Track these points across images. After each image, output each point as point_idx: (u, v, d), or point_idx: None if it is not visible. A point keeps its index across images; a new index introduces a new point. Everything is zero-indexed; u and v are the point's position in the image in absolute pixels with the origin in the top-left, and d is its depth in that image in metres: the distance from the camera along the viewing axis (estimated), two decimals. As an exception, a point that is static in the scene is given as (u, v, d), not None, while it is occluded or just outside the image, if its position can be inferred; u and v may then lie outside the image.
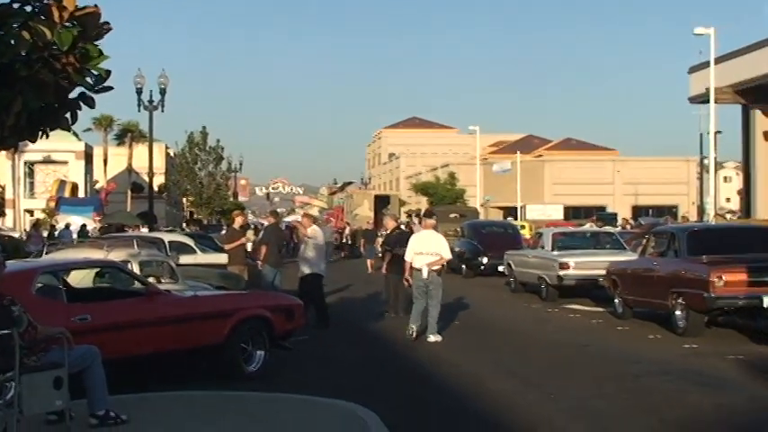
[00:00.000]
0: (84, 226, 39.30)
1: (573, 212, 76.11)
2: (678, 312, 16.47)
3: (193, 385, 10.94)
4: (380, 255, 24.95)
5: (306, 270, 18.47)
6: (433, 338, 16.35)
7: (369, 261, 37.40)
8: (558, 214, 73.23)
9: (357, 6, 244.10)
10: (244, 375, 11.92)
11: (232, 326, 11.86)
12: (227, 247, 21.62)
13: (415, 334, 16.45)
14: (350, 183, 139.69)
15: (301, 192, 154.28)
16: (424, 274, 16.64)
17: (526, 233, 42.41)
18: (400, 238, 20.59)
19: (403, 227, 36.21)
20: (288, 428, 8.81)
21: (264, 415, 9.37)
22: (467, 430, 9.53)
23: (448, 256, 17.39)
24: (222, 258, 22.03)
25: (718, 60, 44.10)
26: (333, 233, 51.82)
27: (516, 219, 61.27)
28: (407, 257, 17.21)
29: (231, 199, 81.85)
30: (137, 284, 11.92)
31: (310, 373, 12.98)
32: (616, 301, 19.36)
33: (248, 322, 12.17)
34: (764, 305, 15.55)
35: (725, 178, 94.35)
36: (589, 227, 37.61)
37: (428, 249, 16.91)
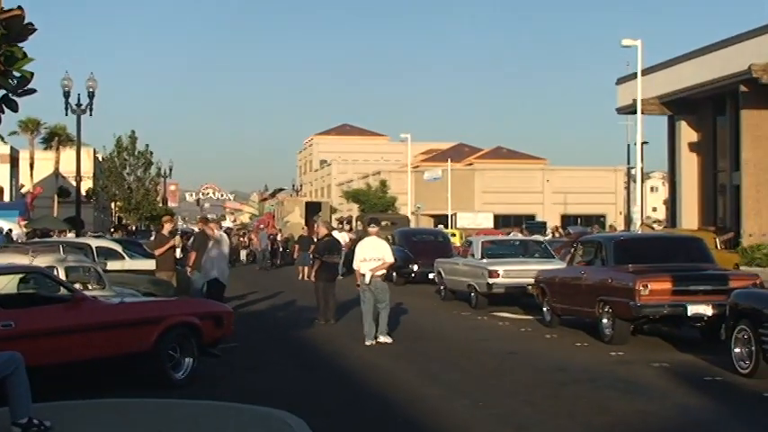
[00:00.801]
0: (9, 231, 38.61)
1: (503, 221, 76.69)
2: (605, 320, 16.63)
3: (120, 393, 10.81)
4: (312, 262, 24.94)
5: (212, 273, 18.30)
6: (383, 339, 16.84)
7: (300, 268, 37.17)
8: (489, 222, 73.74)
9: (284, 12, 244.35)
10: (172, 383, 11.80)
11: (160, 333, 11.74)
12: (156, 252, 21.40)
13: (374, 341, 16.78)
14: (281, 189, 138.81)
15: (232, 198, 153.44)
16: (367, 280, 17.14)
17: (456, 241, 42.63)
18: (329, 246, 20.60)
19: (336, 233, 36.34)
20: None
21: (191, 422, 9.28)
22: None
23: (390, 260, 17.88)
24: (151, 264, 21.79)
25: (645, 72, 44.81)
26: (268, 240, 51.62)
27: (447, 227, 61.59)
28: (355, 265, 17.80)
29: (161, 204, 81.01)
30: (63, 290, 11.75)
31: (239, 380, 12.88)
32: (544, 309, 19.51)
33: (176, 329, 12.05)
34: (689, 314, 15.85)
35: (651, 188, 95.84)
36: (513, 235, 37.84)
37: (372, 255, 17.44)
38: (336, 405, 11.21)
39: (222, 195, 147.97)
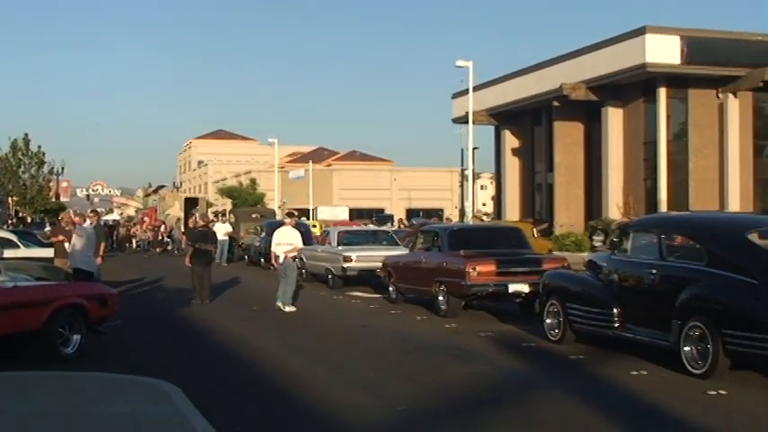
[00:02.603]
0: None
1: (357, 214, 76.84)
2: (441, 297, 16.84)
3: (13, 368, 10.38)
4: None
5: (77, 264, 17.64)
6: (288, 309, 17.87)
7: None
8: (345, 215, 73.68)
9: (164, 21, 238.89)
10: (61, 358, 11.40)
11: (50, 313, 11.33)
12: (51, 240, 20.77)
13: (285, 307, 17.87)
14: (163, 186, 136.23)
15: (119, 193, 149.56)
16: (281, 260, 18.37)
17: (317, 231, 42.55)
18: (203, 235, 20.36)
19: (219, 224, 35.81)
20: (99, 403, 8.48)
21: (78, 392, 9.00)
22: (261, 401, 9.43)
23: (300, 245, 19.25)
24: (44, 252, 21.08)
25: (476, 89, 45.57)
26: (148, 230, 50.52)
27: (308, 219, 61.36)
28: (273, 248, 18.99)
29: (53, 200, 78.44)
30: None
31: (123, 354, 12.53)
32: (390, 288, 19.65)
33: (65, 309, 11.64)
34: (509, 291, 16.22)
35: (481, 186, 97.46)
36: (356, 227, 37.76)
37: (286, 241, 18.68)
38: (209, 374, 11.03)
39: (110, 191, 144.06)
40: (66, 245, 18.21)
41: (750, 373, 10.04)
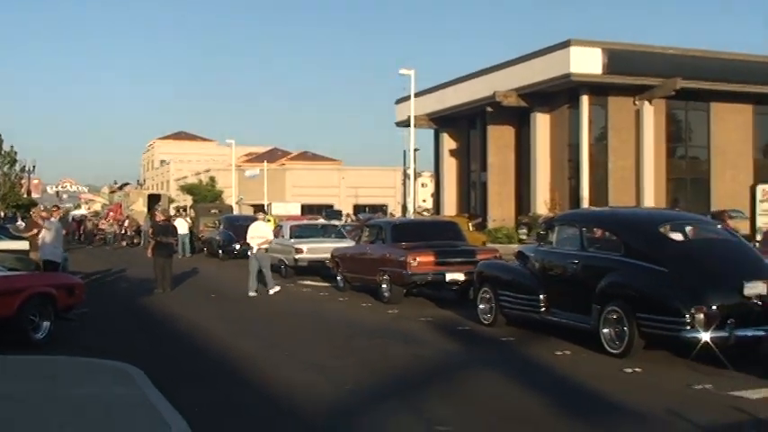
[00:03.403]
0: None
1: (308, 209, 76.58)
2: (384, 286, 16.89)
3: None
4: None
5: (46, 256, 17.33)
6: (272, 291, 18.62)
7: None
8: (297, 211, 73.31)
9: (130, 26, 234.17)
10: (32, 343, 11.22)
11: (21, 301, 11.13)
12: (25, 234, 20.34)
13: (254, 293, 18.44)
14: (127, 183, 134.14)
15: (86, 190, 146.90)
16: (254, 250, 19.01)
17: (271, 225, 42.17)
18: (164, 229, 20.17)
19: (180, 220, 35.43)
20: (68, 386, 8.37)
21: (48, 375, 8.87)
22: (218, 382, 9.38)
23: (271, 237, 20.04)
24: (16, 245, 20.66)
25: (418, 95, 45.66)
26: (114, 224, 49.75)
27: (264, 214, 60.92)
28: (248, 240, 19.50)
29: (25, 196, 76.89)
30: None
31: (90, 339, 12.35)
32: (338, 277, 19.65)
33: (36, 298, 11.45)
34: (447, 280, 16.31)
35: (422, 184, 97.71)
36: (307, 221, 37.66)
37: (259, 234, 19.27)
38: (170, 358, 10.93)
39: (78, 188, 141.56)
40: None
41: (661, 352, 10.25)
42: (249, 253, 19.45)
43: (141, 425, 6.79)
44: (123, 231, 49.17)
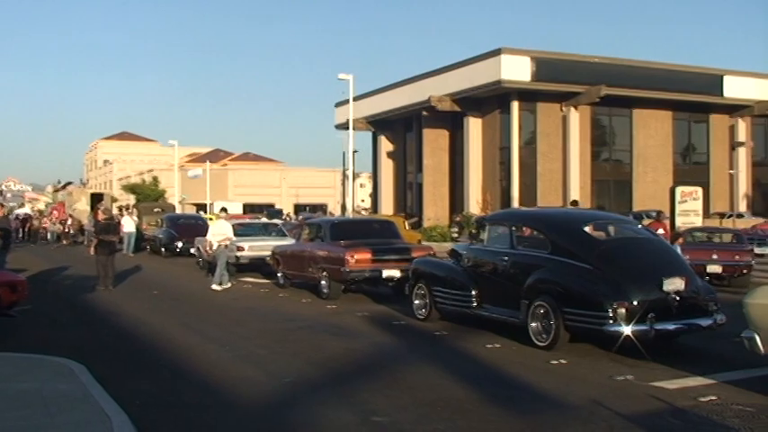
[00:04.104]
0: None
1: (250, 209, 76.03)
2: (323, 282, 16.84)
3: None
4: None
5: None
6: (214, 286, 18.92)
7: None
8: (239, 210, 72.80)
9: (77, 28, 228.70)
10: (-27, 339, 10.92)
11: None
12: None
13: (219, 287, 18.85)
14: (70, 183, 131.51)
15: (30, 189, 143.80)
16: (215, 247, 19.65)
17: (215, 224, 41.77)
18: (107, 227, 19.78)
19: (126, 218, 34.83)
20: (10, 380, 8.14)
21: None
22: (159, 376, 9.22)
23: (231, 235, 20.06)
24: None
25: (356, 99, 45.71)
26: (57, 223, 48.72)
27: (206, 213, 60.30)
28: (208, 237, 20.32)
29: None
30: None
31: (33, 335, 12.04)
32: (279, 274, 19.52)
33: (-23, 295, 11.15)
34: (383, 276, 16.34)
35: (361, 185, 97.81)
36: (249, 220, 37.39)
37: (220, 232, 19.73)
38: (112, 354, 10.72)
39: (22, 187, 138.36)
40: None
41: (586, 345, 10.41)
42: (209, 250, 20.29)
43: (81, 418, 6.63)
44: (66, 230, 48.10)
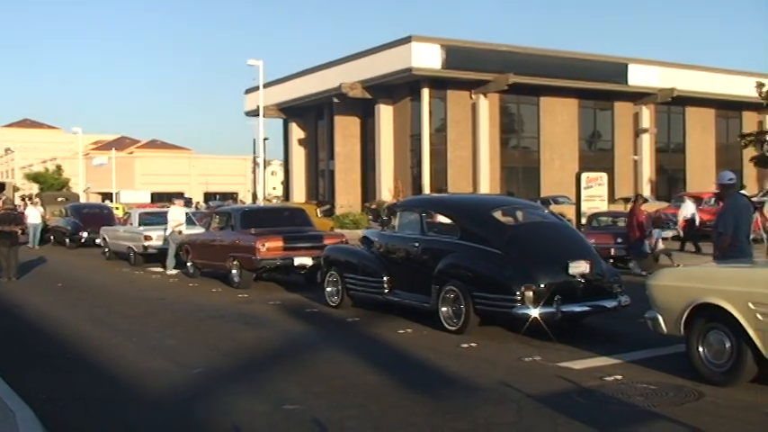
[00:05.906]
0: None
1: (158, 197, 74.58)
2: (234, 271, 16.67)
3: None
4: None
5: None
6: (169, 272, 19.66)
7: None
8: (147, 198, 71.33)
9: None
10: None
11: None
12: None
13: (175, 271, 19.61)
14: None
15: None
16: (168, 232, 20.30)
17: (119, 213, 40.96)
18: (8, 217, 19.14)
19: (31, 207, 33.66)
20: None
21: None
22: (64, 368, 8.96)
23: (183, 221, 20.62)
24: None
25: (267, 85, 45.27)
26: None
27: (112, 202, 58.85)
28: (169, 223, 20.45)
29: None
30: None
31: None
32: (189, 264, 19.20)
33: None
34: (295, 264, 16.29)
35: (272, 172, 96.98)
36: (156, 208, 36.61)
37: (174, 218, 20.37)
38: (16, 346, 10.39)
39: None
40: None
41: (495, 328, 10.60)
42: (163, 235, 20.88)
43: (-20, 416, 6.39)
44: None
